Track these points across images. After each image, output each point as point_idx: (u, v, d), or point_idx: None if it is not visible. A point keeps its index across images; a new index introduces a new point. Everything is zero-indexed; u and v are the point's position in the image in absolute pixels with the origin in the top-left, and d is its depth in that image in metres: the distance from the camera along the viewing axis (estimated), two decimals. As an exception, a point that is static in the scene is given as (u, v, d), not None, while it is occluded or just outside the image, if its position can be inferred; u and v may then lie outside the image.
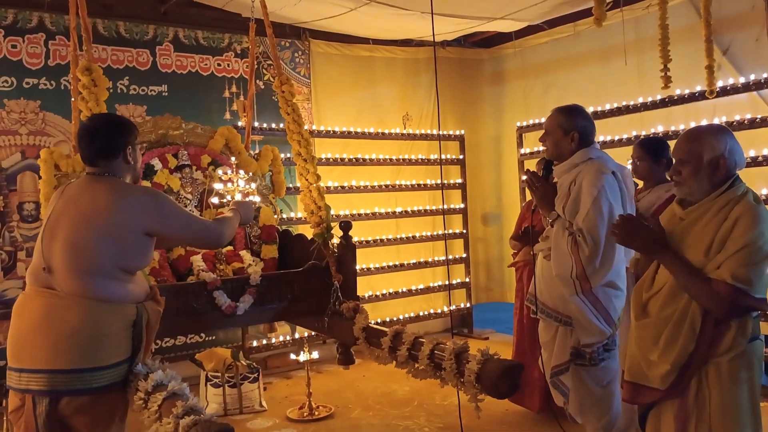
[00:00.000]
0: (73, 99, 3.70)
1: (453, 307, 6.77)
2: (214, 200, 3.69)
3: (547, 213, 3.17)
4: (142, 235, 2.40)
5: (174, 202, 2.56)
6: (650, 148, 3.54)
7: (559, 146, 3.20)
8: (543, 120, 5.75)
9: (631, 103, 5.30)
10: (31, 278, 2.39)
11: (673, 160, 2.33)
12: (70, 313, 2.26)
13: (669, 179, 2.36)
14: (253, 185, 3.87)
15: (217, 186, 3.68)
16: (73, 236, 2.31)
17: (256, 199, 3.78)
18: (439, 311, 6.65)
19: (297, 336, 5.72)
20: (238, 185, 3.63)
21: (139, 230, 2.38)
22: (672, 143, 2.54)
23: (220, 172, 3.77)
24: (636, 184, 3.64)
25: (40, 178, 3.72)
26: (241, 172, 3.71)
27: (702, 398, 2.16)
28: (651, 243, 2.29)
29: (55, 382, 2.24)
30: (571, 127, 3.17)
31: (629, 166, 3.54)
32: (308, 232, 4.12)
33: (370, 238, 6.10)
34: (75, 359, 2.24)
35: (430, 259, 6.60)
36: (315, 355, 4.75)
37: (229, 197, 3.57)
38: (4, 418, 3.57)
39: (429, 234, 6.54)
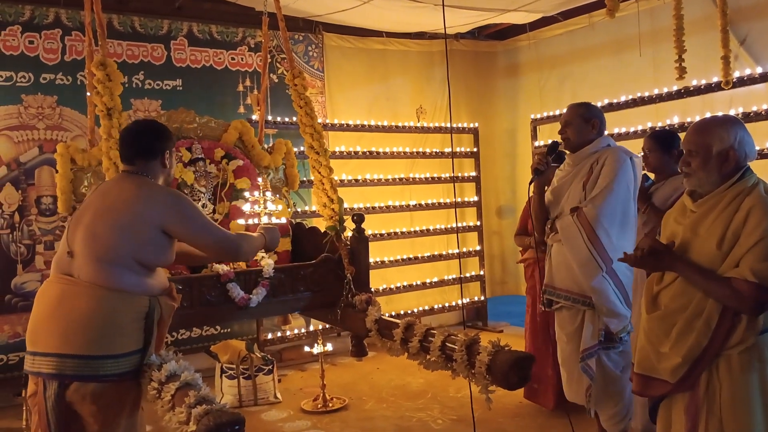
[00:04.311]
0: (88, 94, 3.74)
1: (467, 300, 6.77)
2: (240, 221, 3.60)
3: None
4: (158, 232, 2.43)
5: (197, 207, 2.58)
6: (661, 140, 3.56)
7: (582, 134, 3.37)
8: (558, 112, 5.80)
9: (647, 94, 5.25)
10: (54, 265, 2.47)
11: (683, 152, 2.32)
12: (82, 300, 2.31)
13: (680, 171, 2.35)
14: (279, 207, 3.74)
15: (245, 208, 3.61)
16: (94, 224, 2.39)
17: (282, 221, 3.70)
18: (453, 304, 6.66)
19: (311, 328, 5.75)
20: (265, 207, 3.56)
21: (155, 225, 2.41)
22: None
23: (246, 194, 3.70)
24: (648, 179, 3.65)
25: (57, 172, 3.78)
26: (268, 193, 3.62)
27: (712, 391, 2.14)
28: (659, 263, 2.29)
29: (63, 366, 2.28)
30: (592, 116, 3.38)
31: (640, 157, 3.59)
32: (321, 225, 4.13)
33: (384, 231, 6.11)
34: (84, 345, 2.28)
35: (444, 252, 6.59)
36: (329, 347, 4.78)
37: (255, 220, 3.50)
38: (24, 409, 3.66)
39: (443, 227, 6.54)
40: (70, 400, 2.30)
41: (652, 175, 3.66)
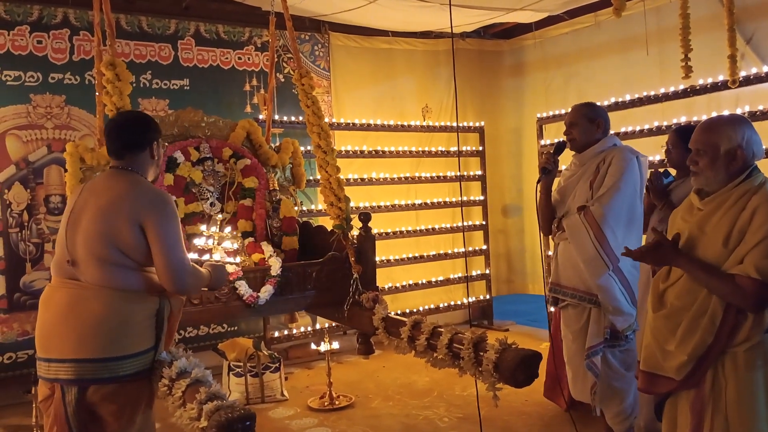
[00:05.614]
0: (97, 93, 3.77)
1: (472, 299, 6.78)
2: (193, 255, 3.17)
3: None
4: (138, 227, 2.36)
5: (179, 221, 2.47)
6: (686, 136, 3.50)
7: (588, 134, 3.41)
8: (564, 111, 5.79)
9: (653, 93, 5.25)
10: (55, 270, 2.45)
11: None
12: (94, 303, 2.31)
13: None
14: (236, 245, 3.53)
15: (198, 241, 3.37)
16: (93, 227, 2.37)
17: (236, 260, 3.51)
18: (458, 303, 6.67)
19: (318, 327, 5.78)
20: (216, 246, 3.36)
21: (137, 222, 2.35)
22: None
23: (203, 227, 3.50)
24: (669, 174, 3.63)
25: (65, 171, 3.80)
26: (227, 229, 3.46)
27: (718, 388, 2.16)
28: (663, 258, 2.31)
29: (82, 371, 2.29)
30: (596, 116, 3.41)
31: (660, 155, 3.58)
32: (328, 223, 4.15)
33: (389, 230, 6.12)
34: (100, 348, 2.29)
35: (449, 251, 6.60)
36: (335, 345, 4.80)
37: (207, 256, 3.22)
38: (34, 406, 3.69)
39: (448, 226, 6.54)
40: (90, 402, 2.31)
41: (673, 171, 3.63)
